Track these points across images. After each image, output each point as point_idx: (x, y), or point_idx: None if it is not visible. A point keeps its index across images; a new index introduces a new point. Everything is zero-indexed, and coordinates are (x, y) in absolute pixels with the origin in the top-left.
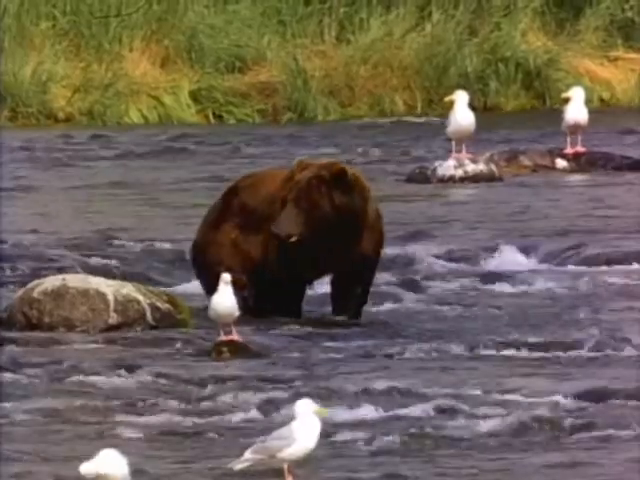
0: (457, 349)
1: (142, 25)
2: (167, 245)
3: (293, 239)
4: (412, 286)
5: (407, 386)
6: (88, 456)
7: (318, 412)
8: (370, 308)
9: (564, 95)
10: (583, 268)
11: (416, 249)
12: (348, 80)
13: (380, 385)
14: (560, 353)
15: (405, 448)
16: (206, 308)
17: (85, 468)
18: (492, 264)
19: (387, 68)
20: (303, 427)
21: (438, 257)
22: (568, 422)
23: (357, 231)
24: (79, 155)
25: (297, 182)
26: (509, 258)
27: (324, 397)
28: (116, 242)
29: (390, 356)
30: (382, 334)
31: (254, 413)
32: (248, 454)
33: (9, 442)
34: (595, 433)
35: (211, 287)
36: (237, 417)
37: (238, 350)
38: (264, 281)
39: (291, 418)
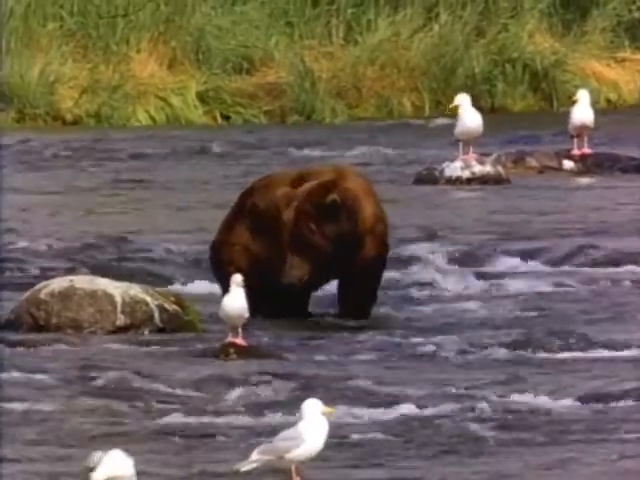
0: (460, 349)
1: (149, 26)
2: (175, 246)
3: (305, 279)
4: (419, 286)
5: (411, 386)
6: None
7: (325, 412)
8: (377, 308)
9: (574, 98)
10: (589, 269)
11: (423, 249)
12: (355, 81)
13: (386, 385)
14: (562, 353)
15: (408, 448)
16: (213, 309)
17: (96, 476)
18: (498, 265)
19: (394, 69)
20: (311, 427)
21: (445, 257)
22: (568, 422)
23: (354, 243)
24: (86, 156)
25: (286, 223)
26: (515, 259)
27: (331, 397)
28: (123, 243)
29: (396, 356)
30: (389, 335)
31: (261, 414)
32: (255, 455)
33: (12, 443)
34: (596, 433)
35: (225, 287)
36: (244, 418)
37: (245, 351)
38: (271, 283)
39: (298, 419)
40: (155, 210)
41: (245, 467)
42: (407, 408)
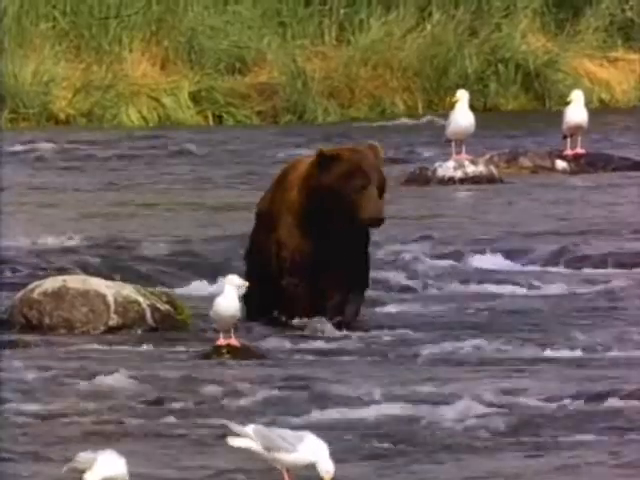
0: (455, 349)
1: (142, 26)
2: (167, 246)
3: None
4: (411, 287)
5: (404, 386)
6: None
7: None
8: (368, 308)
9: (569, 99)
10: (582, 269)
11: (415, 250)
12: (348, 81)
13: (379, 386)
14: (559, 353)
15: (404, 448)
16: (206, 309)
17: (91, 477)
18: (491, 265)
19: (387, 69)
20: (310, 442)
21: (437, 258)
22: (567, 422)
23: None
24: (79, 156)
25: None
26: (508, 259)
27: (324, 398)
28: (116, 244)
29: (388, 357)
30: (380, 335)
31: (253, 415)
32: (251, 432)
33: (9, 443)
34: (595, 433)
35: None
36: (237, 419)
37: (238, 352)
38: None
39: (291, 419)
40: (147, 210)
41: (236, 443)
42: (402, 408)
